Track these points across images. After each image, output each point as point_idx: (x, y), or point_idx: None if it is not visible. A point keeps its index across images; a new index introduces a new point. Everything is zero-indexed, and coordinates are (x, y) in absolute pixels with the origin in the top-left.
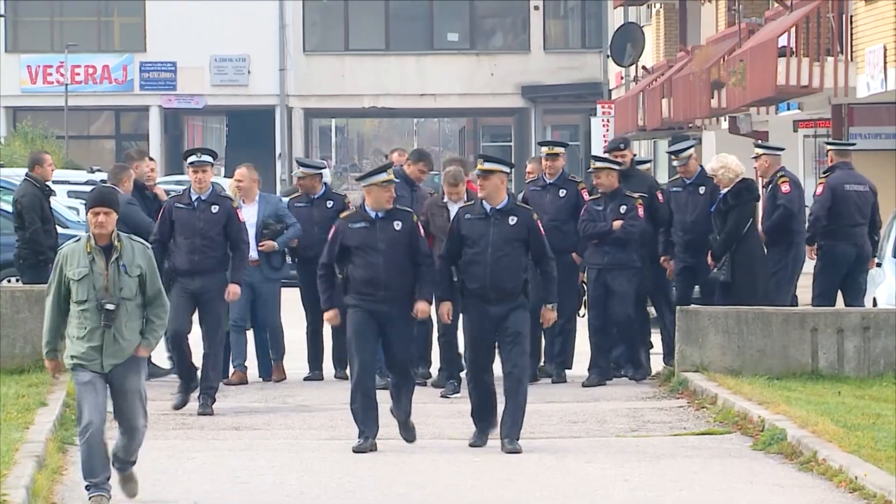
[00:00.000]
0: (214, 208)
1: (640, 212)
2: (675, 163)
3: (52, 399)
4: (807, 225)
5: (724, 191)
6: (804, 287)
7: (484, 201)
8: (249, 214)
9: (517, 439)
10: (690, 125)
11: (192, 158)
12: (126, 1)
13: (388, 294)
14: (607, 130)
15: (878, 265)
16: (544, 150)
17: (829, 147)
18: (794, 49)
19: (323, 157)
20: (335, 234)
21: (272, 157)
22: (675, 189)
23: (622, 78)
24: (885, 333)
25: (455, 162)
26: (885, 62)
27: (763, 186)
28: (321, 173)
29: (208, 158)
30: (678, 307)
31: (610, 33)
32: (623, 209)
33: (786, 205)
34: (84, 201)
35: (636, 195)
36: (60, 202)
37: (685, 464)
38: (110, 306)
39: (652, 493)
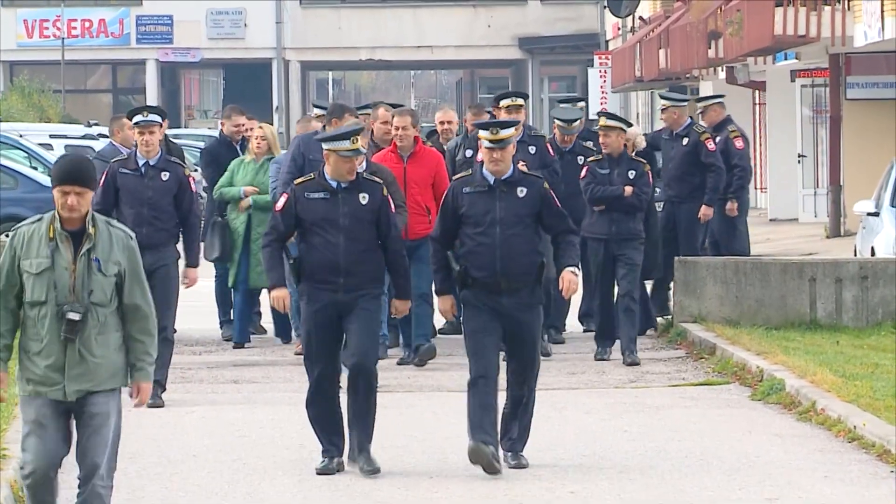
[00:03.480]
0: (165, 175)
1: (650, 178)
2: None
3: None
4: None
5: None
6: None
7: (485, 171)
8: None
9: (522, 452)
10: (688, 76)
11: (137, 118)
12: None
13: (350, 282)
14: (605, 81)
15: (877, 214)
16: (505, 102)
17: (701, 103)
18: None
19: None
20: (288, 202)
21: (269, 110)
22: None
23: (619, 29)
24: (884, 283)
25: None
26: (883, 11)
27: (674, 137)
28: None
29: (156, 118)
30: (676, 258)
31: None
32: (632, 174)
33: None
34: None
35: (643, 160)
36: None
37: (684, 414)
38: (73, 315)
39: (651, 443)
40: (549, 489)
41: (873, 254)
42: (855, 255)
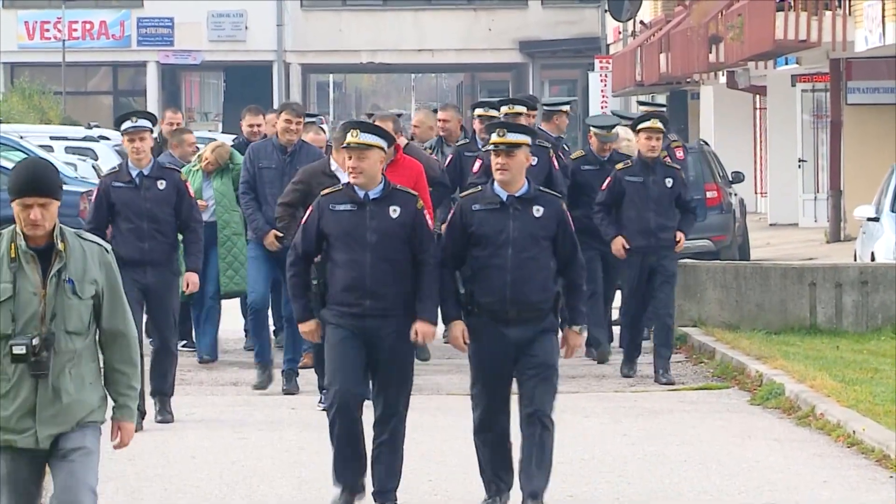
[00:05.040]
0: (161, 184)
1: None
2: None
3: None
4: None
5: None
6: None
7: (497, 186)
8: None
9: (542, 497)
10: (688, 80)
11: (126, 124)
12: None
13: (377, 305)
14: (605, 86)
15: (877, 220)
16: (503, 108)
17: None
18: (792, 3)
19: (321, 112)
20: (312, 216)
21: None
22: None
23: (620, 33)
24: (884, 288)
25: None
26: (884, 16)
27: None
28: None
29: (146, 123)
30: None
31: None
32: (669, 182)
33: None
34: (81, 157)
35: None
36: (58, 158)
37: (683, 418)
38: (19, 350)
39: (650, 447)
40: (549, 492)
41: (873, 259)
42: (855, 260)
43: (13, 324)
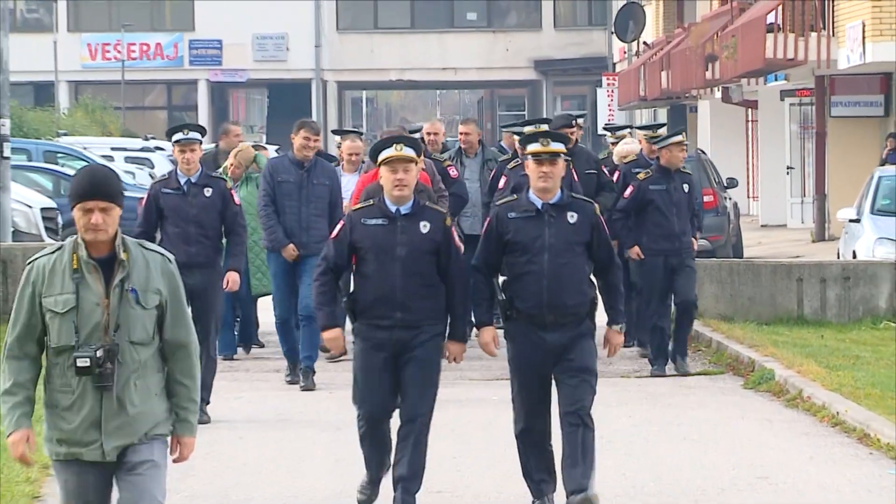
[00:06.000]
0: (207, 191)
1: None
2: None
3: None
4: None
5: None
6: None
7: (532, 194)
8: (351, 185)
9: (590, 487)
10: (687, 95)
11: (177, 136)
12: None
13: (407, 318)
14: (612, 100)
15: (858, 221)
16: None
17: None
18: (781, 25)
19: (355, 125)
20: (344, 229)
21: None
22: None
23: (625, 52)
24: (864, 283)
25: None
26: (864, 37)
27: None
28: None
29: (196, 136)
30: None
31: (614, 12)
32: (686, 188)
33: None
34: (139, 166)
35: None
36: (118, 167)
37: (683, 401)
38: (83, 362)
39: (653, 428)
40: (557, 470)
41: (855, 256)
42: (838, 257)
43: (76, 335)
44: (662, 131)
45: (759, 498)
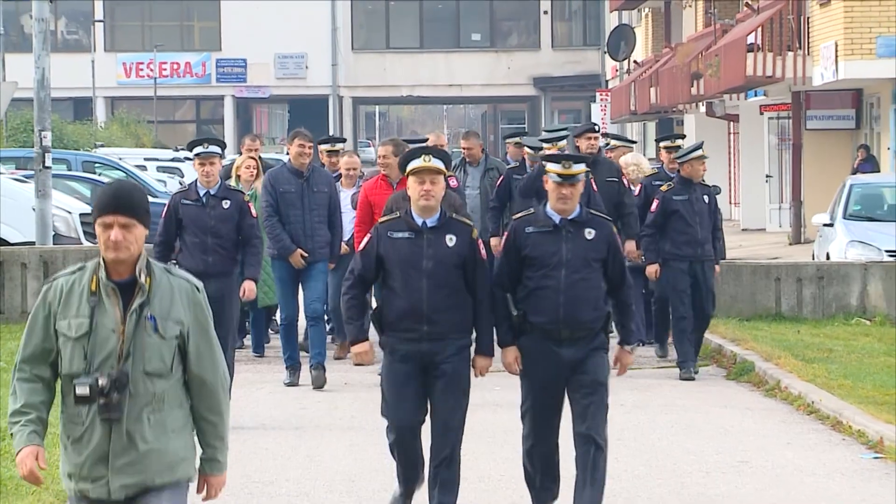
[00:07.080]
0: (226, 203)
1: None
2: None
3: None
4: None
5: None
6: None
7: (549, 209)
8: (349, 200)
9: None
10: (674, 109)
11: (198, 149)
12: (205, 6)
13: (434, 330)
14: (605, 114)
15: (831, 225)
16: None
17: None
18: (761, 45)
19: (368, 137)
20: (371, 242)
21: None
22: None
23: (617, 70)
24: (837, 282)
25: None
26: (837, 56)
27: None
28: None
29: (216, 149)
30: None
31: (607, 33)
32: (706, 198)
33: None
34: (170, 175)
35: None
36: (151, 176)
37: (670, 391)
38: (81, 390)
39: (643, 416)
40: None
41: (828, 258)
42: (813, 259)
43: (85, 361)
44: (680, 142)
45: (741, 480)
